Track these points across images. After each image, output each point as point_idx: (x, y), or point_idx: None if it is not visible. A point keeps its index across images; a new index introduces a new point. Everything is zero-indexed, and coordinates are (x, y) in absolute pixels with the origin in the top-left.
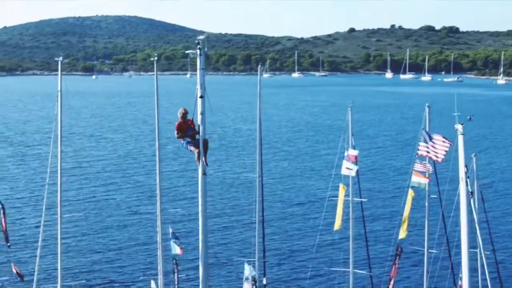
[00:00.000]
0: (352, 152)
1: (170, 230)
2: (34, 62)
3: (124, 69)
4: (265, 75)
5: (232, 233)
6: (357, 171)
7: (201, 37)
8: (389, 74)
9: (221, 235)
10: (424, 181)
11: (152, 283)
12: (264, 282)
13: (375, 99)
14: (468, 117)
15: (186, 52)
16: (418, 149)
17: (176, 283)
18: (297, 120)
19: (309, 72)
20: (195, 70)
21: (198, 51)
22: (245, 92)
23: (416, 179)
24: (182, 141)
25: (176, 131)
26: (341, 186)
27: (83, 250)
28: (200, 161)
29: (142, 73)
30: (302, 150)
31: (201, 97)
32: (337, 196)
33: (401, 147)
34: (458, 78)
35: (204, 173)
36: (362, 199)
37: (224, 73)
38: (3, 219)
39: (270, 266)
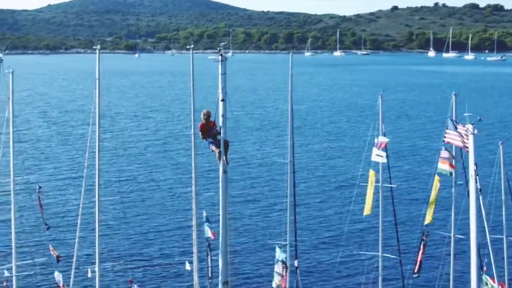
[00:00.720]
0: (382, 139)
1: (204, 214)
2: (78, 40)
3: (166, 48)
4: (307, 54)
5: (265, 217)
6: (387, 158)
7: (223, 43)
8: (431, 53)
9: (254, 219)
10: (450, 168)
11: (187, 264)
12: (296, 264)
13: (417, 79)
14: (478, 118)
15: (209, 58)
16: (445, 137)
17: (209, 265)
18: (338, 100)
19: (351, 50)
20: (238, 49)
21: (219, 57)
22: (287, 71)
23: (442, 166)
24: (205, 141)
25: (200, 133)
26: (371, 171)
27: (120, 233)
28: (221, 160)
29: (184, 51)
30: (342, 132)
31: (222, 100)
32: (367, 182)
33: (442, 129)
34: (501, 57)
35: (224, 172)
36: (392, 185)
37: (266, 51)
38: (39, 203)
39: (301, 249)
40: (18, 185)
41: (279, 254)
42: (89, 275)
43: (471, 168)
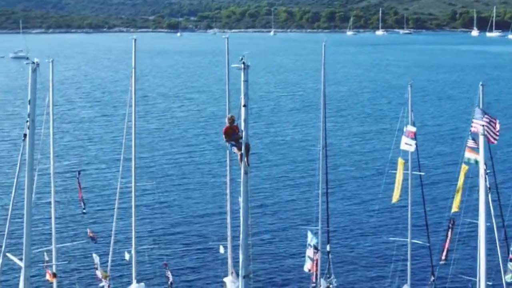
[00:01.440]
0: (411, 129)
1: (240, 199)
2: (120, 19)
3: (208, 26)
4: (349, 33)
5: (298, 202)
6: (416, 146)
7: (246, 52)
8: (475, 32)
9: (288, 205)
10: (476, 157)
11: (221, 248)
12: (328, 249)
13: (460, 59)
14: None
15: (232, 66)
16: (472, 126)
17: None
18: (380, 81)
19: (394, 29)
20: (280, 28)
21: (242, 65)
22: (329, 50)
23: (468, 155)
24: (228, 144)
25: (224, 136)
26: (399, 160)
27: (156, 217)
28: (243, 162)
29: (226, 30)
30: (381, 114)
31: (244, 106)
32: (396, 169)
33: None
34: None
35: (245, 173)
36: (421, 173)
37: (308, 30)
38: (79, 187)
39: (332, 234)
40: (59, 167)
41: (311, 239)
42: (126, 257)
43: (481, 167)
